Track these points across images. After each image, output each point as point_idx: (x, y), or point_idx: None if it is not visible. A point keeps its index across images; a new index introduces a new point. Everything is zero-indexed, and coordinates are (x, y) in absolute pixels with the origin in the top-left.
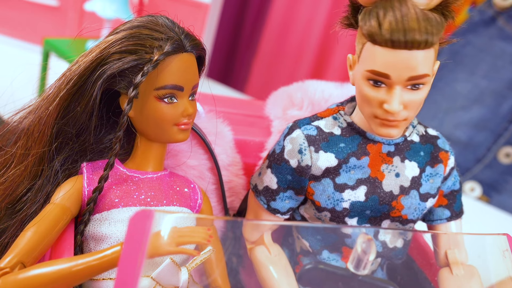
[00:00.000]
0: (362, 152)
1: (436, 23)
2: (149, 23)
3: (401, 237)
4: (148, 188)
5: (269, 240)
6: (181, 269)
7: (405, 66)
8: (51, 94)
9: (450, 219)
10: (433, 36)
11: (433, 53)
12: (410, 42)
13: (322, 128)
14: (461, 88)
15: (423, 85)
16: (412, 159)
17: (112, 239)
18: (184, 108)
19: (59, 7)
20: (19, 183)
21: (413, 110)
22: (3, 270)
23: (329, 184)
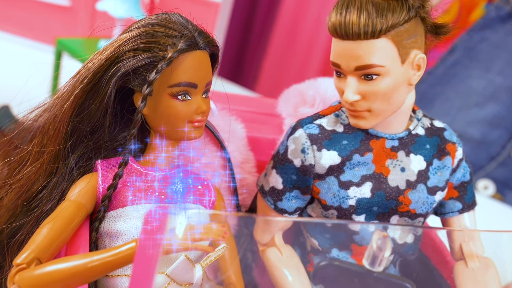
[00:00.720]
0: (365, 148)
1: (385, 12)
2: (163, 20)
3: (411, 233)
4: (162, 185)
5: (280, 241)
6: (195, 266)
7: (350, 56)
8: (66, 92)
9: (462, 211)
10: (376, 26)
11: (388, 43)
12: (350, 33)
13: (324, 126)
14: (475, 84)
15: (378, 76)
16: (418, 153)
17: (126, 236)
18: (198, 106)
19: (71, 7)
20: (34, 180)
21: (375, 101)
22: (20, 266)
23: (333, 182)
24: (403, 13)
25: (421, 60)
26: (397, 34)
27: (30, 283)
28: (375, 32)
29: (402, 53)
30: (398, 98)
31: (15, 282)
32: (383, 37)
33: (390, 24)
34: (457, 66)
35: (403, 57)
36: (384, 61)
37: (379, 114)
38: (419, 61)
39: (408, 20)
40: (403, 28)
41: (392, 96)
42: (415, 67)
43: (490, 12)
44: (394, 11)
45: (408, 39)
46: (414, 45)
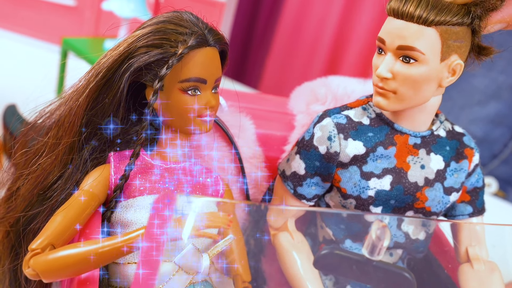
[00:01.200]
0: (389, 142)
1: (445, 6)
2: (174, 18)
3: (423, 230)
4: (172, 177)
5: (293, 227)
6: (202, 255)
7: (397, 34)
8: (81, 86)
9: (472, 215)
10: (430, 15)
11: (435, 35)
12: (405, 13)
13: (351, 117)
14: (478, 83)
15: (415, 61)
16: (438, 153)
17: (137, 225)
18: (207, 100)
19: (77, 7)
20: (50, 171)
21: (404, 85)
22: (35, 251)
23: (356, 171)
24: (458, 16)
25: (458, 66)
26: (446, 31)
27: (44, 267)
28: (427, 19)
29: (444, 50)
30: (424, 92)
31: (30, 266)
32: (433, 27)
33: (442, 19)
34: None
35: (444, 55)
36: (426, 49)
37: (403, 99)
38: (456, 66)
39: (461, 25)
40: (454, 28)
41: (421, 87)
42: (450, 70)
43: None
44: (451, 10)
45: (455, 40)
46: (458, 50)
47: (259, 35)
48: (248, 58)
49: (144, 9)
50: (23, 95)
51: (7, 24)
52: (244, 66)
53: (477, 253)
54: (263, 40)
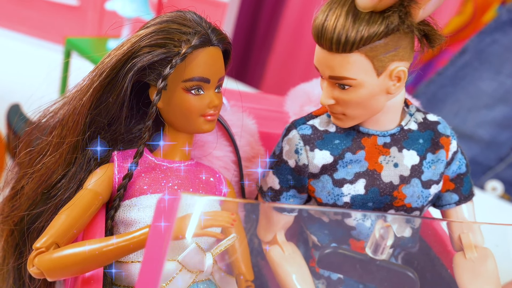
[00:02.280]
0: (357, 146)
1: (361, 26)
2: (178, 18)
3: (408, 226)
4: (175, 177)
5: (282, 239)
6: (206, 254)
7: (325, 64)
8: (85, 85)
9: (459, 203)
10: (348, 42)
11: (360, 58)
12: (324, 43)
13: (316, 126)
14: (486, 86)
15: (350, 87)
16: (411, 148)
17: (140, 224)
18: (210, 100)
19: (80, 7)
20: (54, 170)
21: (349, 108)
22: (39, 249)
23: (327, 180)
24: (382, 27)
25: (401, 73)
26: (371, 49)
27: (48, 265)
28: (346, 46)
29: (377, 66)
30: (374, 106)
31: (35, 264)
32: (356, 52)
33: (364, 38)
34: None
35: (379, 69)
36: (356, 74)
37: (354, 118)
38: (398, 73)
39: (387, 35)
40: (380, 43)
41: (367, 104)
42: (394, 78)
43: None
44: (372, 24)
45: (386, 53)
46: (394, 58)
47: (261, 35)
48: (250, 58)
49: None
50: (27, 95)
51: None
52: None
53: (471, 240)
54: (265, 40)
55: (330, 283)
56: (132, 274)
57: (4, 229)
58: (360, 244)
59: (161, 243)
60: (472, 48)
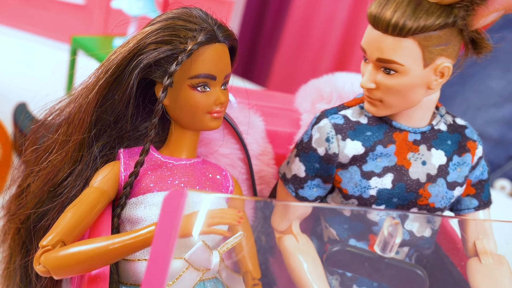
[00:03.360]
0: (388, 140)
1: (423, 12)
2: (184, 14)
3: (429, 226)
4: (182, 174)
5: (297, 229)
6: (212, 252)
7: (375, 46)
8: (91, 83)
9: (478, 209)
10: (405, 25)
11: (413, 45)
12: (380, 24)
13: (349, 117)
14: (495, 85)
15: (396, 73)
16: (439, 148)
17: (147, 222)
18: (216, 97)
19: (86, 5)
20: (60, 168)
21: (388, 94)
22: (45, 247)
23: (356, 171)
24: (440, 19)
25: (446, 69)
26: (425, 39)
27: (54, 263)
28: (402, 31)
29: (427, 57)
30: (412, 97)
31: (41, 262)
32: (410, 38)
33: (421, 26)
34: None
35: (427, 61)
36: (405, 60)
37: (390, 106)
38: (443, 69)
39: (443, 27)
40: (434, 34)
41: (406, 94)
42: (438, 74)
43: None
44: (431, 14)
45: (437, 45)
46: (443, 52)
47: (267, 32)
48: (256, 56)
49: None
50: (33, 93)
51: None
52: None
53: (485, 246)
54: (271, 38)
55: (344, 279)
56: (139, 272)
57: (10, 227)
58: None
59: (168, 241)
60: None
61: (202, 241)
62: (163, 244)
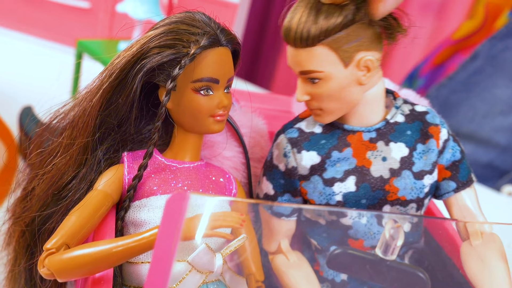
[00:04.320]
0: (343, 144)
1: (322, 17)
2: (187, 18)
3: (406, 221)
4: (185, 177)
5: (287, 247)
6: (216, 254)
7: (294, 61)
8: (95, 87)
9: (457, 190)
10: (309, 36)
11: (324, 50)
12: (290, 41)
13: (303, 129)
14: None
15: (320, 80)
16: (398, 140)
17: (150, 225)
18: (219, 100)
19: (91, 9)
20: (64, 171)
21: (323, 102)
22: (50, 250)
23: (318, 180)
24: (340, 18)
25: (369, 62)
26: (334, 41)
27: (58, 266)
28: (308, 41)
29: (343, 57)
30: (349, 97)
31: (45, 265)
32: (318, 45)
33: (324, 31)
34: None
35: (346, 60)
36: (322, 66)
37: (331, 112)
38: (366, 63)
39: (347, 26)
40: (341, 34)
41: (341, 96)
42: (363, 68)
43: None
44: (330, 16)
45: (349, 43)
46: (359, 48)
47: (271, 35)
48: (260, 59)
49: (158, 11)
50: (39, 97)
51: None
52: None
53: (476, 226)
54: (275, 41)
55: (335, 285)
56: (142, 274)
57: (15, 230)
58: (358, 243)
59: (170, 243)
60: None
61: (205, 244)
62: (165, 246)
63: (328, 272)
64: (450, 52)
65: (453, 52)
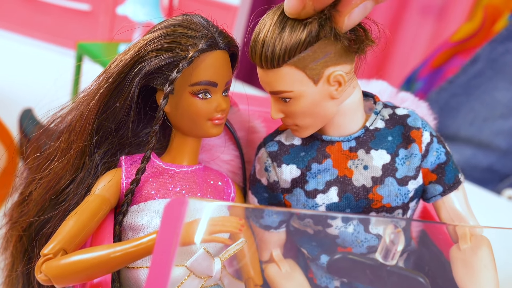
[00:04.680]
0: (321, 156)
1: (287, 38)
2: (185, 21)
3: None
4: (183, 181)
5: (279, 256)
6: (214, 259)
7: (264, 81)
8: (92, 90)
9: (444, 193)
10: (274, 58)
11: (291, 70)
12: (257, 62)
13: (283, 141)
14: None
15: (291, 99)
16: (379, 147)
17: (148, 229)
18: (217, 104)
19: (91, 12)
20: (61, 175)
21: (296, 119)
22: (47, 256)
23: (300, 193)
24: (303, 36)
25: (339, 77)
26: (300, 61)
27: (56, 272)
28: (273, 61)
29: (311, 74)
30: (323, 112)
31: (42, 271)
32: (284, 65)
33: (288, 50)
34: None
35: (315, 78)
36: (291, 86)
37: (308, 127)
38: (336, 78)
39: (312, 43)
40: (307, 53)
41: (314, 112)
42: (333, 84)
43: None
44: (294, 33)
45: (315, 61)
46: (328, 64)
47: None
48: None
49: (158, 13)
50: (39, 99)
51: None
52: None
53: (465, 229)
54: None
55: None
56: (141, 279)
57: (12, 235)
58: (348, 250)
59: (169, 248)
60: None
61: (203, 249)
62: (164, 252)
63: (321, 279)
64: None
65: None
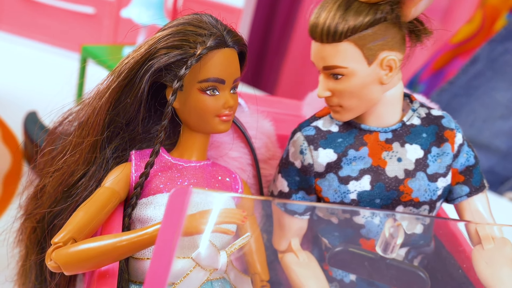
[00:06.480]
0: (359, 143)
1: (352, 14)
2: (194, 20)
3: (419, 222)
4: (191, 176)
5: (297, 246)
6: (220, 252)
7: (318, 56)
8: (104, 86)
9: (471, 194)
10: (337, 31)
11: (350, 46)
12: (316, 35)
13: (320, 127)
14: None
15: (343, 76)
16: (414, 142)
17: (156, 222)
18: (225, 100)
19: (96, 15)
20: (74, 169)
21: (344, 98)
22: (57, 244)
23: (333, 178)
24: (368, 17)
25: (392, 62)
26: (360, 38)
27: (65, 259)
28: (335, 36)
29: (368, 54)
30: (369, 96)
31: (52, 258)
32: (345, 41)
33: (351, 28)
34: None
35: (370, 58)
36: (346, 62)
37: (351, 109)
38: (389, 62)
39: (374, 24)
40: (367, 32)
41: (361, 94)
42: (385, 68)
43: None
44: (359, 14)
45: (374, 42)
46: (384, 47)
47: (275, 40)
48: (264, 64)
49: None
50: (44, 102)
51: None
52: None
53: (487, 231)
54: (279, 46)
55: (343, 286)
56: (145, 270)
57: (27, 227)
58: (370, 243)
59: (172, 237)
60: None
61: (209, 241)
62: (166, 241)
63: (337, 272)
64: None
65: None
